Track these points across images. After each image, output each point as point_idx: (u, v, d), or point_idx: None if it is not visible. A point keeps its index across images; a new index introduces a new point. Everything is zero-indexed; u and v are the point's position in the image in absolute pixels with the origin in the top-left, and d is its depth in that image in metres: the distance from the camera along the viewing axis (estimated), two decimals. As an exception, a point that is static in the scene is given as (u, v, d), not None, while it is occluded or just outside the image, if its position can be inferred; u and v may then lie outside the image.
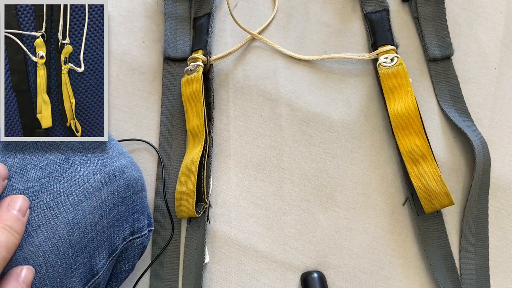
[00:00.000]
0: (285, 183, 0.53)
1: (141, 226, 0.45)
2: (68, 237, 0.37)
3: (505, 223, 0.51)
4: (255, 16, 0.58)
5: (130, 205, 0.43)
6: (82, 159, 0.41)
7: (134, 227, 0.44)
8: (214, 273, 0.51)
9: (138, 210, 0.45)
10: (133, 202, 0.44)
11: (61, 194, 0.38)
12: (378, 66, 0.52)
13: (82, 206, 0.39)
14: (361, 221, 0.51)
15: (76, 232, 0.38)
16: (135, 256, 0.46)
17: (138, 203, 0.44)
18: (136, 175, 0.44)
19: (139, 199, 0.45)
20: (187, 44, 0.56)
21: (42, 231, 0.36)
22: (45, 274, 0.36)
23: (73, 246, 0.38)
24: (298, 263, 0.51)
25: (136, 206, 0.44)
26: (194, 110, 0.52)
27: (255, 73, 0.56)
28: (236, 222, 0.52)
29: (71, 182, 0.39)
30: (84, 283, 0.39)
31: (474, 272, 0.49)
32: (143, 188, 0.46)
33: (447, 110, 0.54)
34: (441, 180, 0.48)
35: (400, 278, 0.50)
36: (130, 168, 0.43)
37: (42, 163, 0.39)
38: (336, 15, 0.58)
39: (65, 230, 0.37)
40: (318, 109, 0.55)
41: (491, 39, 0.56)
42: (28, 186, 0.38)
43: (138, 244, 0.45)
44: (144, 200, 0.46)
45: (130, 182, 0.43)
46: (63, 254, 0.37)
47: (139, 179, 0.45)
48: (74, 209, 0.38)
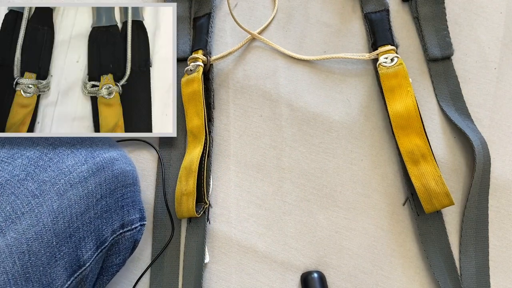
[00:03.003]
0: (285, 183, 0.53)
1: (132, 219, 0.45)
2: (53, 225, 0.37)
3: (505, 223, 0.51)
4: (255, 16, 0.58)
5: (120, 198, 0.43)
6: (70, 149, 0.41)
7: (124, 220, 0.44)
8: (214, 273, 0.51)
9: (128, 203, 0.44)
10: (123, 195, 0.44)
11: (47, 182, 0.38)
12: (378, 66, 0.52)
13: (67, 195, 0.39)
14: (361, 221, 0.51)
15: (60, 221, 0.38)
16: (126, 250, 0.45)
17: (128, 196, 0.44)
18: (127, 168, 0.44)
19: (129, 192, 0.44)
20: (187, 44, 0.56)
21: (26, 218, 0.36)
22: (28, 261, 0.36)
23: (57, 235, 0.38)
24: (298, 263, 0.51)
25: (126, 199, 0.44)
26: (194, 110, 0.52)
27: (255, 73, 0.56)
28: (236, 222, 0.52)
29: (57, 171, 0.39)
30: (69, 273, 0.39)
31: (474, 272, 0.49)
32: (135, 182, 0.46)
33: (447, 110, 0.54)
34: (441, 180, 0.48)
35: (400, 278, 0.50)
36: (120, 160, 0.44)
37: (29, 153, 0.40)
38: (336, 15, 0.58)
39: (49, 218, 0.37)
40: (318, 109, 0.55)
41: (491, 39, 0.56)
42: (14, 174, 0.38)
43: (129, 238, 0.45)
44: (135, 194, 0.46)
45: (120, 174, 0.43)
46: (47, 242, 0.37)
47: (130, 172, 0.45)
48: (59, 198, 0.38)
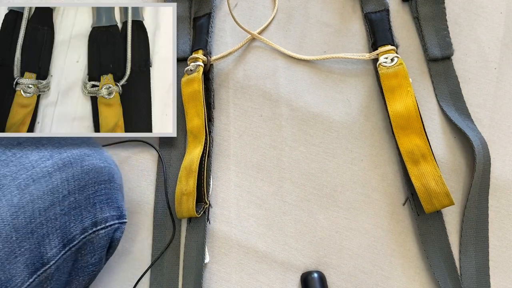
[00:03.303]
0: (285, 183, 0.53)
1: (105, 217, 0.43)
2: (12, 220, 0.37)
3: (505, 223, 0.51)
4: (255, 16, 0.58)
5: (91, 195, 0.42)
6: (35, 145, 0.40)
7: (97, 218, 0.43)
8: (214, 273, 0.51)
9: (101, 201, 0.43)
10: (96, 192, 0.42)
11: (7, 177, 0.38)
12: (378, 66, 0.52)
13: (29, 190, 0.38)
14: (361, 221, 0.51)
15: (21, 216, 0.37)
16: (101, 249, 0.44)
17: (102, 193, 0.43)
18: (100, 164, 0.43)
19: (104, 189, 0.43)
20: (187, 44, 0.56)
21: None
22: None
23: (17, 230, 0.37)
24: (298, 263, 0.51)
25: (100, 196, 0.43)
26: (194, 110, 0.52)
27: (255, 73, 0.56)
28: (236, 222, 0.52)
29: (19, 166, 0.39)
30: (31, 271, 0.38)
31: (474, 272, 0.49)
32: (111, 179, 0.44)
33: (447, 110, 0.54)
34: (441, 180, 0.48)
35: (400, 278, 0.50)
36: (92, 156, 0.42)
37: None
38: (336, 15, 0.58)
39: (8, 213, 0.37)
40: (318, 109, 0.55)
41: (491, 39, 0.56)
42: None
43: (104, 236, 0.43)
44: (112, 191, 0.44)
45: (91, 170, 0.42)
46: (6, 237, 0.36)
47: (105, 168, 0.43)
48: (20, 193, 0.38)
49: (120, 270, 0.51)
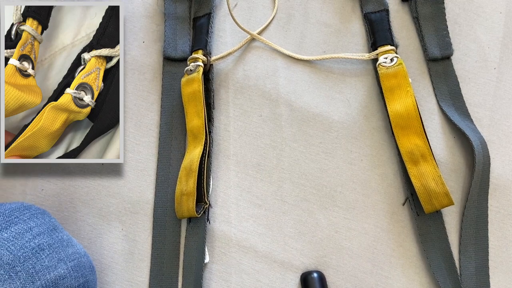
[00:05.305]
0: (285, 183, 0.53)
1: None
2: None
3: (505, 223, 0.51)
4: (255, 16, 0.58)
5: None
6: (8, 273, 0.35)
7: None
8: (214, 273, 0.51)
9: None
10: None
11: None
12: (378, 66, 0.52)
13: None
14: (361, 221, 0.51)
15: None
16: None
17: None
18: (75, 284, 0.38)
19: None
20: (187, 44, 0.56)
21: None
22: None
23: None
24: (298, 263, 0.51)
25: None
26: (194, 110, 0.52)
27: (255, 73, 0.56)
28: (236, 222, 0.52)
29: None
30: None
31: (474, 272, 0.49)
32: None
33: (447, 110, 0.54)
34: (441, 180, 0.48)
35: (400, 278, 0.50)
36: (68, 278, 0.38)
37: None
38: (336, 15, 0.58)
39: None
40: (318, 109, 0.55)
41: (491, 39, 0.56)
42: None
43: None
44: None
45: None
46: None
47: (83, 285, 0.39)
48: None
49: (120, 270, 0.51)
